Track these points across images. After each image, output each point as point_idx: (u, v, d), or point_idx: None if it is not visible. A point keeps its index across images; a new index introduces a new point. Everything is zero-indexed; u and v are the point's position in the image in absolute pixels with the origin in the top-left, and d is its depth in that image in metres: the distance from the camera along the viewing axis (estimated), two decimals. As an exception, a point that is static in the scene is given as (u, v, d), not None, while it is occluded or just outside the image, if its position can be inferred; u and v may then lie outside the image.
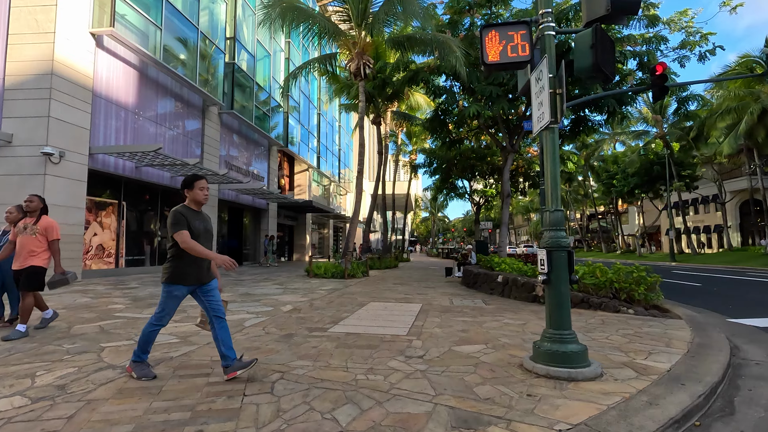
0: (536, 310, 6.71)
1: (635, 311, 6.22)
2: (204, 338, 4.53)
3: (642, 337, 4.63)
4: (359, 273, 13.85)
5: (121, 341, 4.38)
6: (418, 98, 24.93)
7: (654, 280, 6.57)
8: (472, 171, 23.64)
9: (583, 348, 3.31)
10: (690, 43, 14.18)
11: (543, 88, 3.54)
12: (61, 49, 10.17)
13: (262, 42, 21.38)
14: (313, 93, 30.32)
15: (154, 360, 3.65)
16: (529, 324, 5.52)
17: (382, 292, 9.30)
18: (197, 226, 3.22)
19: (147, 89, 13.69)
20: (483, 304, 7.54)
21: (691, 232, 38.08)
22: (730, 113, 25.72)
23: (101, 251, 12.60)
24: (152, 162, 12.62)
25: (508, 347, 4.24)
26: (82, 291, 8.75)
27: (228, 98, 17.91)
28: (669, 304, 6.98)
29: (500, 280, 8.93)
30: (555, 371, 3.21)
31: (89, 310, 6.39)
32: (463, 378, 3.24)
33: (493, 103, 13.46)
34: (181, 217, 3.15)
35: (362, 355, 3.92)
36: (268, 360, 3.71)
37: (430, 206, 67.09)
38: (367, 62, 13.54)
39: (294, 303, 7.41)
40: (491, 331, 5.06)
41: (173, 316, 5.59)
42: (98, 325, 5.25)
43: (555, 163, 3.54)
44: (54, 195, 9.98)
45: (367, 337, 4.68)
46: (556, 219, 3.49)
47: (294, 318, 5.87)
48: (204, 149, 16.57)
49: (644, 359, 3.76)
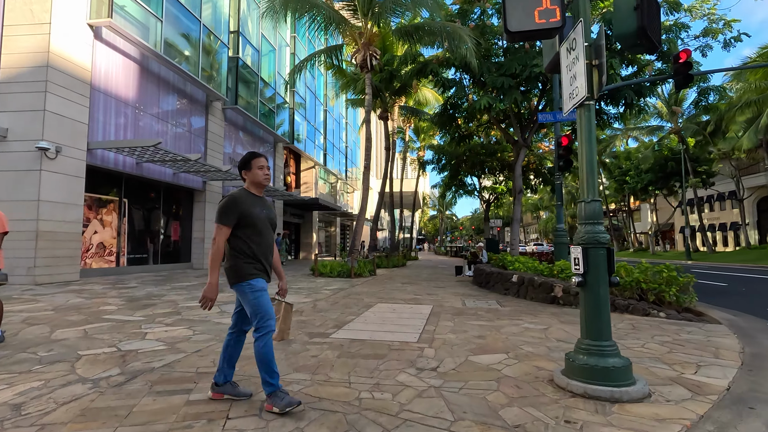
0: (556, 313, 6.20)
1: (667, 314, 5.68)
2: (194, 345, 4.11)
3: (683, 346, 4.11)
4: (366, 272, 13.40)
5: (102, 348, 3.97)
6: (426, 93, 24.40)
7: (687, 280, 6.02)
8: (481, 167, 23.09)
9: (626, 362, 2.82)
10: (713, 31, 13.49)
11: (577, 59, 3.04)
12: (57, 41, 9.83)
13: (267, 36, 20.97)
14: (319, 89, 29.90)
15: (131, 372, 3.23)
16: (551, 329, 5.01)
17: (389, 293, 8.84)
18: (258, 213, 2.62)
19: (148, 83, 13.35)
20: (498, 305, 7.04)
21: (706, 230, 37.04)
22: (750, 106, 24.78)
23: (102, 250, 12.29)
24: (153, 158, 12.27)
25: (532, 357, 3.76)
26: (77, 291, 8.40)
27: (232, 93, 17.53)
28: (701, 306, 6.43)
29: (515, 279, 8.42)
30: (595, 390, 2.72)
31: (78, 311, 6.01)
32: (486, 397, 2.76)
33: (505, 94, 12.91)
34: (233, 205, 2.54)
35: (367, 366, 3.45)
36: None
37: (438, 204, 66.46)
38: (373, 53, 13.06)
39: (297, 304, 6.97)
40: (511, 337, 4.57)
41: (166, 319, 5.19)
42: (83, 329, 4.85)
43: (591, 145, 3.04)
44: (50, 191, 9.66)
45: (373, 344, 4.22)
46: (593, 211, 3.00)
47: (294, 321, 5.42)
48: (208, 145, 16.21)
49: (694, 373, 3.25)
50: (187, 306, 6.61)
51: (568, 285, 7.04)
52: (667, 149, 34.71)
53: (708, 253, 32.96)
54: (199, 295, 8.13)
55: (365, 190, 13.85)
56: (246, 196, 2.63)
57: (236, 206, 2.55)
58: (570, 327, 5.12)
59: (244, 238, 2.59)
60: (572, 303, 6.80)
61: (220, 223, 2.53)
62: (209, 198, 16.37)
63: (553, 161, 22.58)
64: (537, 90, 14.28)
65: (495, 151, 21.77)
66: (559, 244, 10.95)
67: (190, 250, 16.10)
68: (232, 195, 2.59)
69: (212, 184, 16.50)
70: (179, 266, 15.46)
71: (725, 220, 41.18)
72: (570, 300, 6.85)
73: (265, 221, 2.68)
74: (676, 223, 45.31)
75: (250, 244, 2.60)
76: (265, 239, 2.68)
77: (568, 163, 10.61)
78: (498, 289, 9.07)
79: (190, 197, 16.18)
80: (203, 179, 15.89)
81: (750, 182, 34.83)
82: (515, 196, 15.08)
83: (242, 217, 2.55)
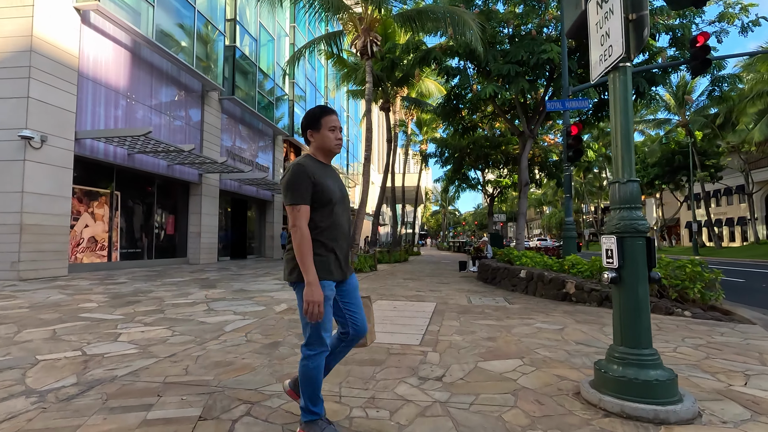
0: (570, 311, 5.73)
1: (692, 313, 5.20)
2: (170, 348, 3.66)
3: (721, 350, 3.64)
4: (367, 267, 12.95)
5: (65, 352, 3.52)
6: (429, 85, 23.81)
7: (713, 276, 5.54)
8: (485, 160, 22.53)
9: (671, 375, 2.34)
10: (729, 15, 12.88)
11: (611, 12, 2.55)
12: (41, 25, 9.36)
13: (266, 26, 20.43)
14: (320, 81, 29.35)
15: (87, 383, 2.78)
16: (567, 330, 4.55)
17: (391, 289, 8.39)
18: (330, 186, 2.01)
19: (140, 72, 12.87)
20: (506, 303, 6.57)
21: (713, 225, 36.40)
22: (761, 97, 24.13)
23: (93, 244, 11.88)
24: (144, 148, 11.82)
25: (550, 363, 3.29)
26: (62, 287, 7.99)
27: (229, 84, 17.04)
28: (726, 304, 5.94)
29: (523, 275, 7.94)
30: (634, 409, 2.25)
31: (56, 309, 5.58)
32: (502, 416, 2.30)
33: (511, 83, 12.37)
34: (303, 175, 1.92)
35: (362, 375, 3.00)
36: (237, 383, 2.81)
37: (440, 199, 65.88)
38: (374, 39, 12.53)
39: (290, 302, 6.52)
40: (524, 339, 4.10)
41: (146, 318, 4.68)
42: (53, 329, 4.41)
43: (627, 115, 2.55)
44: (36, 183, 9.23)
45: (371, 347, 3.75)
46: (630, 193, 2.52)
47: (285, 321, 4.98)
48: (204, 137, 15.74)
49: (744, 385, 2.78)
50: (173, 303, 6.17)
51: (581, 281, 6.57)
52: (675, 142, 34.05)
53: (715, 249, 32.38)
54: (190, 290, 7.70)
55: (366, 182, 13.37)
56: (314, 165, 2.00)
57: (307, 176, 1.92)
58: (587, 327, 4.66)
59: (317, 221, 1.97)
60: (586, 300, 6.33)
61: (294, 203, 1.90)
62: (205, 191, 15.92)
63: (558, 154, 22.05)
64: (543, 80, 13.76)
65: (499, 144, 21.21)
66: (568, 238, 10.47)
67: (186, 244, 15.68)
68: (297, 163, 1.96)
69: (209, 177, 16.05)
70: (175, 261, 15.05)
71: (732, 215, 40.54)
72: (584, 297, 6.38)
73: (342, 198, 2.08)
74: (681, 218, 44.68)
75: (322, 229, 1.97)
76: (340, 223, 2.05)
77: (578, 153, 10.11)
78: (505, 285, 8.60)
79: (186, 190, 15.74)
80: (199, 172, 15.45)
81: (759, 176, 34.15)
82: (521, 189, 14.57)
83: (315, 191, 1.94)
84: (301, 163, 1.96)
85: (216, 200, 16.61)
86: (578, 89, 11.23)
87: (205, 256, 15.84)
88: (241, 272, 12.13)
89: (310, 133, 2.08)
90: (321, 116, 2.06)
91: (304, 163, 1.96)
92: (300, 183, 1.91)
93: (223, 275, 11.03)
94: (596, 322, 4.95)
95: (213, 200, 16.38)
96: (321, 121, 2.06)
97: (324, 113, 2.07)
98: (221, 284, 8.86)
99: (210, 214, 16.10)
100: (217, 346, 3.78)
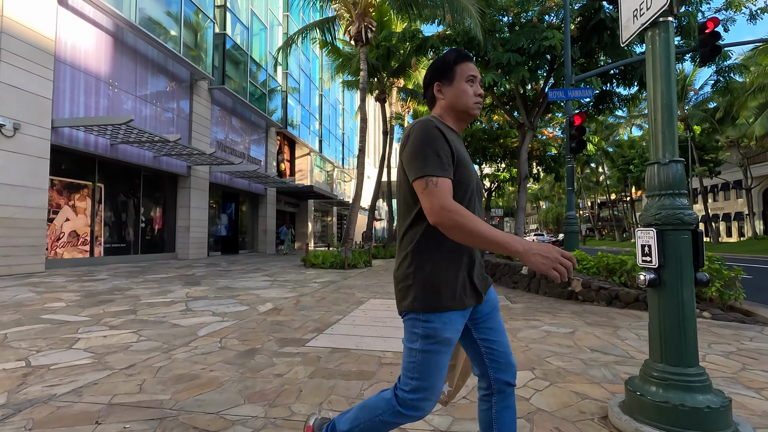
0: (577, 311, 5.31)
1: (712, 314, 4.79)
2: (130, 358, 3.19)
3: (757, 359, 3.22)
4: (361, 263, 12.50)
5: (6, 363, 3.04)
6: (425, 76, 23.28)
7: (733, 274, 5.12)
8: (483, 153, 22.09)
9: (724, 401, 1.91)
10: (736, 3, 12.45)
11: (651, -45, 2.09)
12: (12, 4, 8.77)
13: (258, 14, 19.80)
14: (314, 72, 28.73)
15: (16, 404, 2.31)
16: (578, 333, 4.12)
17: (385, 286, 7.94)
18: (464, 157, 1.36)
19: (123, 58, 12.28)
20: (508, 302, 6.15)
21: (710, 220, 36.22)
22: (763, 91, 23.80)
23: (75, 238, 11.35)
24: (127, 138, 11.27)
25: (566, 377, 2.85)
26: (34, 284, 7.48)
27: (219, 73, 16.45)
28: (746, 304, 5.54)
29: (525, 272, 7.53)
30: (682, 444, 1.81)
31: (17, 309, 5.09)
32: (517, 451, 1.86)
33: (511, 72, 11.92)
34: (441, 138, 1.28)
35: (348, 392, 2.55)
36: (197, 403, 2.34)
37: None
38: (369, 25, 12.01)
39: (277, 300, 6.07)
40: (532, 345, 3.67)
41: (114, 320, 4.05)
42: (4, 333, 3.93)
43: (669, 82, 2.10)
44: (8, 173, 8.69)
45: (360, 356, 3.32)
46: (674, 176, 2.06)
47: (268, 323, 4.52)
48: (192, 127, 15.18)
49: (799, 406, 2.35)
50: (149, 303, 5.70)
51: (588, 278, 6.15)
52: (673, 137, 33.73)
53: (713, 244, 32.19)
54: (171, 288, 7.19)
55: (360, 174, 12.90)
56: (447, 130, 1.36)
57: (445, 140, 1.29)
58: (600, 331, 4.23)
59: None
60: (594, 299, 5.92)
61: (429, 174, 1.23)
62: (195, 184, 15.38)
63: (557, 148, 21.64)
64: (544, 70, 13.30)
65: (498, 137, 20.78)
66: (570, 233, 10.05)
67: (175, 239, 15.16)
68: (427, 119, 1.33)
69: (197, 169, 15.51)
70: (162, 256, 14.54)
71: (729, 210, 40.46)
72: (591, 296, 5.96)
73: (478, 184, 1.42)
74: (679, 214, 44.47)
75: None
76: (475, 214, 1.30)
77: (581, 144, 9.68)
78: (505, 282, 8.19)
79: (174, 183, 15.20)
80: (187, 163, 14.90)
81: (758, 171, 33.96)
82: (520, 183, 14.16)
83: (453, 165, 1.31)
84: (431, 120, 1.33)
85: (206, 193, 16.07)
86: (581, 78, 10.77)
87: (195, 251, 15.33)
88: (230, 268, 11.64)
89: (438, 87, 1.45)
90: (456, 62, 1.43)
91: (437, 125, 1.31)
92: (438, 146, 1.26)
93: (210, 271, 10.54)
94: (608, 325, 4.53)
95: (203, 193, 15.84)
96: (456, 68, 1.42)
97: (460, 58, 1.43)
98: (206, 281, 8.38)
99: (199, 208, 15.57)
100: (184, 354, 3.32)
